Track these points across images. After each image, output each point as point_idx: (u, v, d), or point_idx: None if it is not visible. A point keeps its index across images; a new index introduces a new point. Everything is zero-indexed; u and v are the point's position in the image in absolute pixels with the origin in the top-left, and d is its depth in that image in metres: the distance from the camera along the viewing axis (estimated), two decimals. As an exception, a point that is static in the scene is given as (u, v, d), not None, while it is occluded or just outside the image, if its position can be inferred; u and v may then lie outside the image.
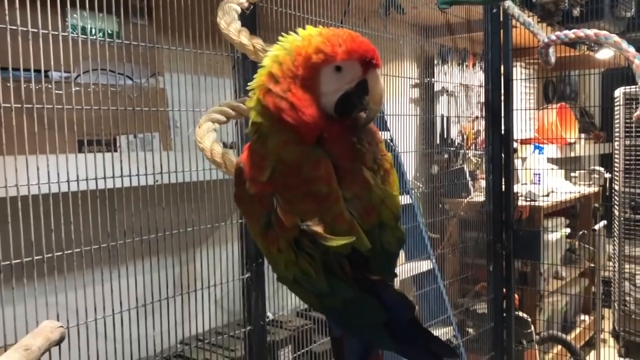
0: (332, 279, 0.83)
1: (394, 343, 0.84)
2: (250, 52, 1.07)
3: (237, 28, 1.09)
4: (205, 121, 1.11)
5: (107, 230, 1.64)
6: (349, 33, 0.83)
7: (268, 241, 0.86)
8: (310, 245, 0.82)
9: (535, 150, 4.37)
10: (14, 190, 1.42)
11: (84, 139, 1.66)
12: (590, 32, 1.88)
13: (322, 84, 0.82)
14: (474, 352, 3.27)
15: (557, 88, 5.13)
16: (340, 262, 0.83)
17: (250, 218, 0.89)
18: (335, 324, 0.95)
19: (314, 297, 0.88)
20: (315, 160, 0.83)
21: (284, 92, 0.80)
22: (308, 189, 0.83)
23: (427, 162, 3.46)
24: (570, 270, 4.35)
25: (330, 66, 0.81)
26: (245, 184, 0.87)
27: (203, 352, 2.06)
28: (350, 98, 0.84)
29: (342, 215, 0.83)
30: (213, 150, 1.08)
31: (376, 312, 0.84)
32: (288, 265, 0.85)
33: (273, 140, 0.83)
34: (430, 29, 3.17)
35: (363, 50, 0.82)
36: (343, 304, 0.85)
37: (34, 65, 1.50)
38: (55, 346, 1.11)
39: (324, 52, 0.80)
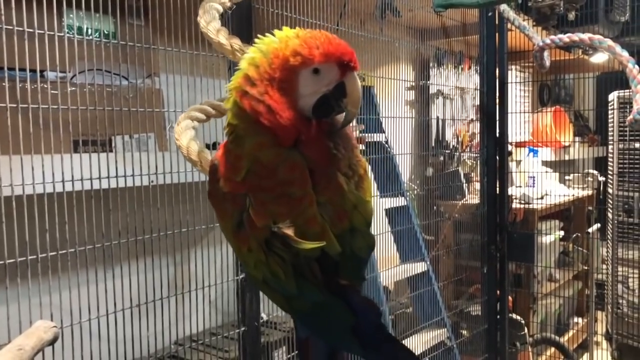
0: (301, 282, 0.84)
1: (361, 348, 0.84)
2: (228, 51, 1.07)
3: (216, 27, 1.08)
4: (184, 119, 1.11)
5: (102, 231, 1.64)
6: (326, 35, 0.83)
7: (239, 240, 0.86)
8: (281, 247, 0.83)
9: (529, 153, 4.38)
10: (9, 190, 1.42)
11: (79, 139, 1.66)
12: (585, 36, 1.90)
13: (299, 87, 0.82)
14: (468, 354, 3.28)
15: (552, 91, 5.16)
16: (310, 266, 0.84)
17: (222, 216, 0.89)
18: (304, 325, 0.95)
19: (282, 299, 0.88)
20: (291, 163, 0.83)
21: (261, 95, 0.80)
22: (282, 191, 0.83)
23: (422, 164, 3.47)
24: (564, 273, 4.37)
25: (308, 69, 0.81)
26: (218, 182, 0.87)
27: (197, 353, 2.06)
28: (328, 100, 0.84)
29: (314, 219, 0.84)
30: (189, 148, 1.08)
31: (344, 316, 0.84)
32: (257, 265, 0.85)
33: (249, 142, 0.83)
34: (426, 32, 3.18)
35: (340, 52, 0.82)
36: (311, 307, 0.86)
37: (30, 65, 1.50)
38: (49, 346, 1.11)
39: (302, 54, 0.80)
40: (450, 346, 3.04)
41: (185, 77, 1.89)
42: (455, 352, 3.05)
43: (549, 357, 3.91)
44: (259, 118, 0.80)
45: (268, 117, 0.80)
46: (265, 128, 0.81)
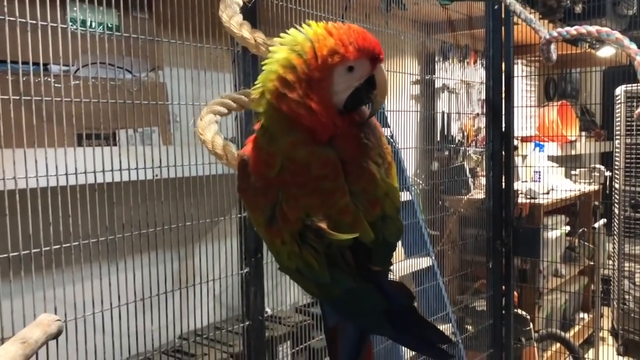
0: (334, 271, 0.85)
1: (392, 330, 0.86)
2: (252, 45, 1.06)
3: (239, 21, 1.08)
4: (206, 113, 1.10)
5: (106, 224, 1.63)
6: (356, 30, 0.83)
7: (272, 233, 0.87)
8: (315, 238, 0.83)
9: (535, 148, 4.36)
10: (12, 184, 1.41)
11: (83, 132, 1.65)
12: (592, 29, 1.87)
13: (334, 84, 0.82)
14: (473, 349, 3.27)
15: (558, 86, 5.12)
16: (343, 254, 0.85)
17: (253, 210, 0.90)
18: (335, 311, 0.96)
19: (314, 287, 0.89)
20: (325, 160, 0.84)
21: (302, 98, 0.81)
22: (315, 185, 0.84)
23: (428, 158, 3.45)
24: (569, 268, 4.35)
25: (344, 66, 0.82)
26: (249, 177, 0.87)
27: (202, 347, 2.06)
28: (360, 93, 0.85)
29: (347, 209, 0.85)
30: (214, 142, 1.08)
31: (376, 300, 0.86)
32: (291, 256, 0.87)
33: (283, 141, 0.83)
34: (432, 25, 3.16)
35: (372, 47, 0.83)
36: (344, 293, 0.87)
37: (34, 58, 1.49)
38: (53, 339, 1.11)
39: (339, 53, 0.81)
40: (455, 341, 3.03)
41: (189, 70, 1.88)
42: (460, 347, 3.05)
43: (554, 352, 3.90)
44: (300, 120, 0.81)
45: (310, 119, 0.81)
46: (302, 127, 0.82)
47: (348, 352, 0.97)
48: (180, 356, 2.05)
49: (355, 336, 0.97)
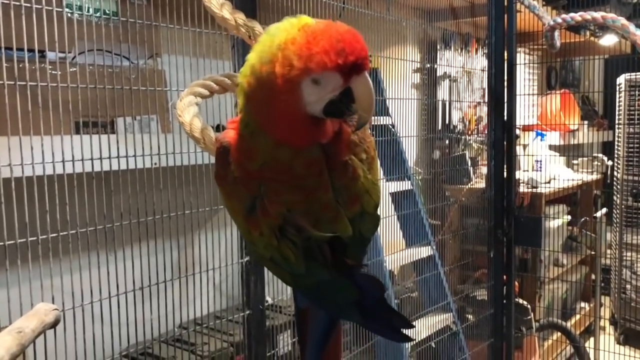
0: (310, 263, 0.84)
1: (361, 318, 0.87)
2: (232, 26, 1.03)
3: (220, 1, 1.04)
4: (187, 94, 1.07)
5: (104, 213, 1.61)
6: (335, 34, 0.74)
7: (250, 224, 0.86)
8: (295, 233, 0.83)
9: (537, 137, 4.34)
10: (8, 171, 1.39)
11: (80, 120, 1.63)
12: (597, 15, 1.85)
13: (304, 95, 0.76)
14: (474, 339, 3.27)
15: (560, 74, 5.09)
16: (321, 248, 0.84)
17: (230, 198, 0.88)
18: (307, 298, 0.97)
19: (288, 276, 0.89)
20: (308, 160, 0.82)
21: (263, 107, 0.78)
22: (298, 183, 0.82)
23: (429, 147, 3.43)
24: (570, 258, 4.35)
25: (307, 79, 0.75)
26: (229, 165, 0.85)
27: (202, 336, 2.05)
28: (336, 105, 0.78)
29: (329, 205, 0.84)
30: (192, 125, 1.05)
31: (349, 292, 0.85)
32: (267, 247, 0.86)
33: (265, 141, 0.80)
34: (434, 13, 3.12)
35: (345, 58, 0.73)
36: (318, 284, 0.87)
37: (30, 45, 1.46)
38: (50, 329, 1.09)
39: (296, 67, 0.73)
40: (455, 331, 3.02)
41: (187, 57, 1.86)
42: (461, 336, 3.04)
43: (554, 341, 3.90)
44: (269, 132, 0.79)
45: (273, 132, 0.79)
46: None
47: (318, 335, 0.98)
48: (180, 345, 2.04)
49: (326, 319, 0.97)
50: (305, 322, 1.00)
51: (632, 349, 4.22)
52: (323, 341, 0.98)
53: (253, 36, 1.01)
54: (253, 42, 1.02)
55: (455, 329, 3.03)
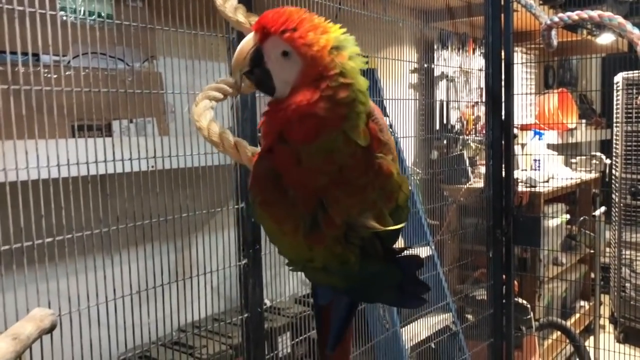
0: (365, 260, 0.88)
1: (400, 298, 0.95)
2: (247, 29, 1.03)
3: (234, 5, 1.05)
4: (202, 99, 1.06)
5: (100, 216, 1.60)
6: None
7: (314, 241, 0.87)
8: (359, 234, 0.86)
9: (535, 136, 4.34)
10: (2, 176, 1.39)
11: (75, 123, 1.62)
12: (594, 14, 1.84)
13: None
14: (473, 339, 3.26)
15: (557, 73, 5.09)
16: (373, 243, 0.88)
17: (284, 222, 0.88)
18: (350, 295, 1.00)
19: (338, 279, 0.92)
20: (360, 156, 0.86)
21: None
22: (354, 184, 0.86)
23: (427, 147, 3.43)
24: (569, 257, 4.34)
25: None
26: (280, 189, 0.86)
27: (200, 339, 2.05)
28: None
29: (374, 203, 0.88)
30: (210, 129, 1.04)
31: (395, 276, 0.91)
32: (327, 258, 0.88)
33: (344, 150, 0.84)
34: (431, 13, 3.12)
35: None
36: (367, 277, 0.91)
37: (23, 48, 1.46)
38: (47, 334, 1.09)
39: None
40: (455, 331, 3.02)
41: (184, 59, 1.85)
42: (461, 336, 3.04)
43: (554, 340, 3.90)
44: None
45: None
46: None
47: (338, 327, 1.03)
48: (178, 348, 2.03)
49: (346, 310, 1.02)
50: (327, 317, 1.04)
51: (632, 348, 4.22)
52: (343, 330, 1.03)
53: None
54: None
55: (454, 329, 3.02)
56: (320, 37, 0.79)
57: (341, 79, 0.79)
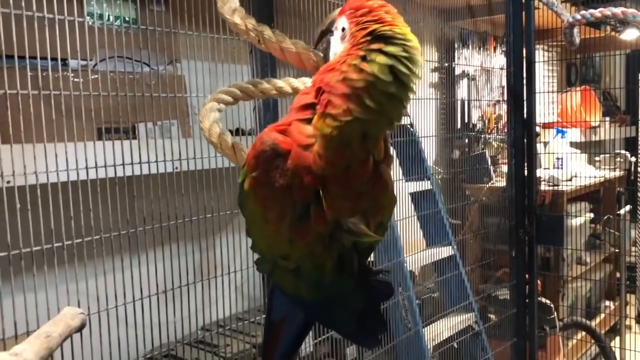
0: (339, 273, 0.83)
1: (356, 329, 0.88)
2: (243, 31, 1.03)
3: (232, 7, 1.06)
4: (210, 101, 1.08)
5: (127, 218, 1.64)
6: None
7: (298, 233, 0.80)
8: (341, 240, 0.81)
9: (557, 134, 4.29)
10: (34, 178, 1.42)
11: (102, 126, 1.66)
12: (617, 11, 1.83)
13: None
14: (496, 338, 3.25)
15: (580, 71, 5.03)
16: (351, 257, 0.83)
17: (270, 207, 0.82)
18: (309, 313, 0.94)
19: (306, 287, 0.86)
20: (367, 159, 0.80)
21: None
22: (354, 187, 0.80)
23: (448, 147, 3.41)
24: (593, 256, 4.29)
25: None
26: (277, 169, 0.79)
27: (224, 338, 2.07)
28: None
29: (365, 213, 0.82)
30: (211, 130, 1.06)
31: (359, 301, 0.86)
32: (303, 257, 0.82)
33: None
34: (451, 12, 3.11)
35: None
36: (334, 295, 0.86)
37: (52, 53, 1.50)
38: (76, 333, 1.11)
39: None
40: (478, 330, 3.01)
41: (206, 63, 1.87)
42: (483, 336, 3.02)
43: (579, 341, 3.85)
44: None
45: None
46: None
47: (287, 347, 0.97)
48: (203, 347, 2.06)
49: (298, 332, 0.97)
50: (277, 335, 0.98)
51: (659, 348, 4.15)
52: (292, 351, 0.97)
53: (262, 40, 1.01)
54: (262, 46, 1.02)
55: (477, 328, 3.01)
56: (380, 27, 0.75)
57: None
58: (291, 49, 0.97)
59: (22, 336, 1.37)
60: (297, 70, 1.08)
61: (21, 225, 1.39)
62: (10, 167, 1.38)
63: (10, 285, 1.36)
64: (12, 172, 1.38)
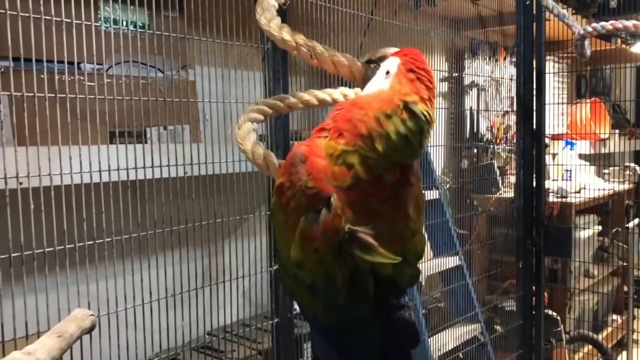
0: (352, 292, 0.81)
1: None
2: (292, 47, 1.05)
3: (278, 24, 1.07)
4: (244, 122, 1.09)
5: (137, 221, 1.65)
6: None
7: (307, 237, 0.81)
8: (351, 253, 0.79)
9: (566, 146, 4.28)
10: (48, 180, 1.44)
11: (116, 130, 1.68)
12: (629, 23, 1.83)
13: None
14: (502, 350, 3.23)
15: (590, 83, 5.02)
16: (365, 278, 0.80)
17: (289, 212, 0.84)
18: (327, 338, 0.92)
19: (322, 306, 0.85)
20: (377, 180, 0.81)
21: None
22: (367, 204, 0.81)
23: (456, 156, 3.42)
24: (601, 269, 4.26)
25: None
26: (297, 174, 0.82)
27: (231, 344, 2.07)
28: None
29: (377, 237, 0.80)
30: (255, 153, 1.06)
31: (378, 335, 0.84)
32: (315, 267, 0.81)
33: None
34: (461, 22, 3.12)
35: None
36: (349, 320, 0.84)
37: (67, 57, 1.52)
38: (87, 334, 1.12)
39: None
40: (483, 342, 2.99)
41: (219, 69, 1.89)
42: (489, 347, 3.01)
43: (585, 354, 3.83)
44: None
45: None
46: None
47: None
48: (210, 353, 2.06)
49: None
50: None
51: (666, 363, 4.12)
52: None
53: (314, 55, 1.03)
54: (315, 62, 1.03)
55: (483, 339, 3.00)
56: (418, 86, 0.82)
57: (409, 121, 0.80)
58: (343, 62, 1.01)
59: (32, 336, 1.38)
60: (307, 78, 1.10)
61: (35, 226, 1.40)
62: (25, 168, 1.39)
63: (23, 286, 1.38)
64: (27, 174, 1.39)
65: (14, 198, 1.38)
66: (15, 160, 1.38)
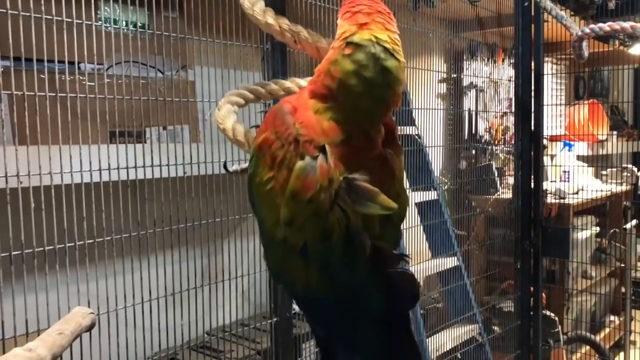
0: (348, 252, 0.76)
1: (386, 340, 0.80)
2: (277, 32, 1.03)
3: (262, 8, 1.05)
4: (224, 104, 1.09)
5: (137, 220, 1.66)
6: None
7: (303, 185, 0.75)
8: (349, 202, 0.74)
9: (564, 147, 4.29)
10: (48, 179, 1.44)
11: (116, 129, 1.68)
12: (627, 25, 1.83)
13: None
14: (500, 350, 3.24)
15: (588, 84, 5.04)
16: (359, 232, 0.75)
17: (280, 161, 0.78)
18: (319, 312, 0.86)
19: (316, 273, 0.79)
20: (365, 135, 0.80)
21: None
22: (359, 158, 0.78)
23: (455, 157, 3.42)
24: (599, 270, 4.28)
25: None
26: (284, 124, 0.78)
27: (229, 344, 2.07)
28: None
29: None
30: (235, 130, 1.05)
31: (380, 297, 0.79)
32: (309, 221, 0.75)
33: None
34: (460, 23, 3.13)
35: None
36: (346, 288, 0.79)
37: (67, 57, 1.52)
38: (87, 332, 1.12)
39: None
40: (481, 342, 3.00)
41: (218, 69, 1.90)
42: (487, 348, 3.02)
43: (583, 355, 3.84)
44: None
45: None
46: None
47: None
48: (207, 352, 2.07)
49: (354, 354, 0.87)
50: (334, 353, 0.89)
51: (663, 364, 4.13)
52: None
53: (298, 40, 1.01)
54: (298, 47, 1.01)
55: (481, 340, 3.01)
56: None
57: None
58: (327, 48, 0.98)
59: (32, 334, 1.39)
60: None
61: (35, 224, 1.41)
62: (25, 167, 1.40)
63: (23, 284, 1.38)
64: (27, 173, 1.40)
65: (14, 197, 1.38)
66: (16, 159, 1.39)
